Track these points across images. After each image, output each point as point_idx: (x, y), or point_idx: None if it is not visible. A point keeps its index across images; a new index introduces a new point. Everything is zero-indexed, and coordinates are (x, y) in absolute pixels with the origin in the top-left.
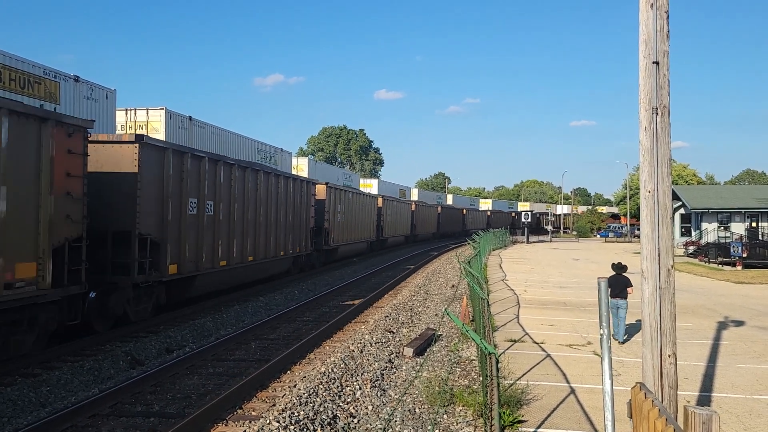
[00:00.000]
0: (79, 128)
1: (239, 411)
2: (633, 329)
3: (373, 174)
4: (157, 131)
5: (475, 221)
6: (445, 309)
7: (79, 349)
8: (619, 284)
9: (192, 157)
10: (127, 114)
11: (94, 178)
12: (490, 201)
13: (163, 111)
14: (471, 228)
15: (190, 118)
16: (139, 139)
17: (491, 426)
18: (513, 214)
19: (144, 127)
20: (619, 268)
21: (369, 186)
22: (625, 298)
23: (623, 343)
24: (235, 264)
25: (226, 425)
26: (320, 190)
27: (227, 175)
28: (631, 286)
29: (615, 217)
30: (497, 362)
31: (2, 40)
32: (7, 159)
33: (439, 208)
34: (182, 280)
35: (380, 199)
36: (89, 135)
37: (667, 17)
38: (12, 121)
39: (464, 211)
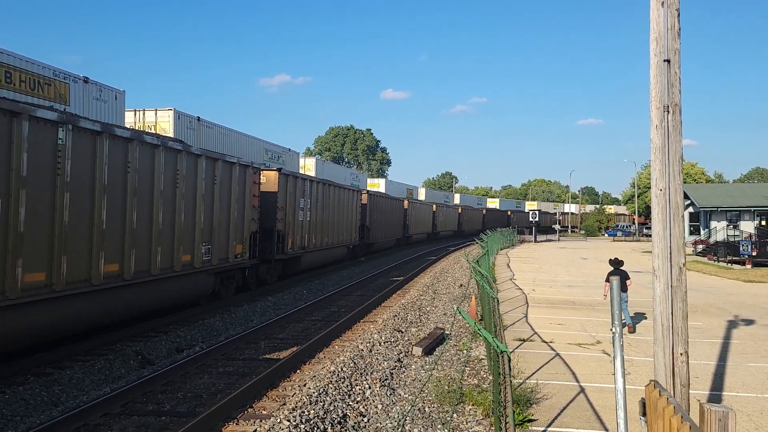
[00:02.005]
0: (258, 167)
1: (250, 410)
2: (634, 320)
3: (381, 174)
4: (166, 132)
5: (488, 220)
6: (457, 307)
7: (90, 348)
8: (619, 278)
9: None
10: (135, 115)
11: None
12: (497, 201)
13: (172, 112)
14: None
15: (199, 118)
16: (279, 169)
17: (505, 424)
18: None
19: (153, 127)
20: (617, 263)
21: (376, 186)
22: (626, 291)
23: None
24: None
25: (237, 424)
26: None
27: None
28: (629, 278)
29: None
30: (509, 360)
31: (12, 42)
32: (237, 188)
33: (483, 210)
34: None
35: (406, 202)
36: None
37: (678, 15)
38: (240, 170)
39: (484, 210)
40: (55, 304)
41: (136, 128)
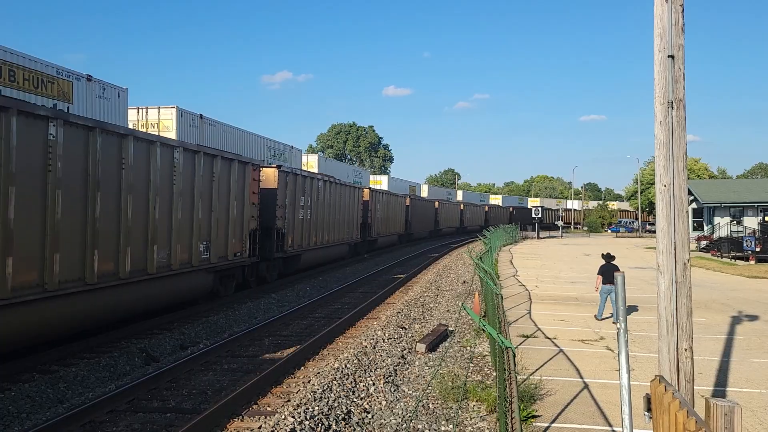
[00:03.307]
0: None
1: (255, 406)
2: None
3: (383, 171)
4: (169, 129)
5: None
6: (462, 304)
7: (95, 345)
8: (611, 272)
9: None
10: (138, 112)
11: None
12: (500, 197)
13: (174, 109)
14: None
15: (201, 116)
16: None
17: (511, 419)
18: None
19: (156, 125)
20: (609, 257)
21: (379, 183)
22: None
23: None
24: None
25: (242, 420)
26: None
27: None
28: (620, 272)
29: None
30: (514, 356)
31: (16, 40)
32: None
33: (486, 207)
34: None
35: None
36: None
37: (683, 10)
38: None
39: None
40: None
41: (140, 126)
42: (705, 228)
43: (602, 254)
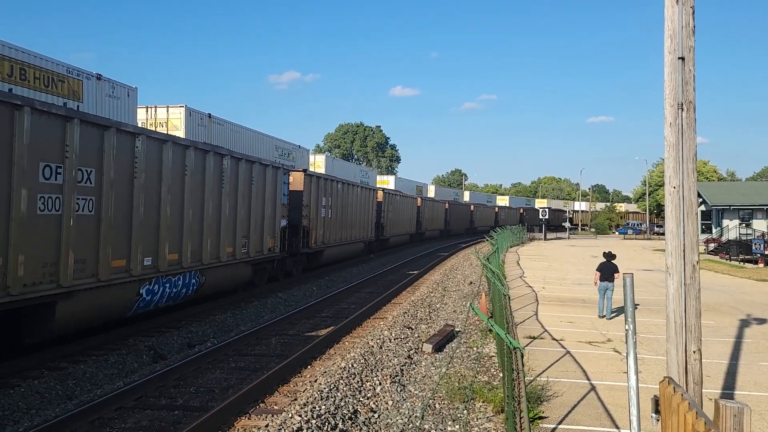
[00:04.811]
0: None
1: (262, 405)
2: (619, 310)
3: (390, 171)
4: (177, 128)
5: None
6: (470, 304)
7: (103, 343)
8: (609, 270)
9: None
10: (147, 111)
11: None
12: (507, 198)
13: (183, 108)
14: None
15: (210, 115)
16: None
17: (519, 418)
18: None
19: (164, 124)
20: (609, 256)
21: (386, 183)
22: (613, 281)
23: (610, 319)
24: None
25: (249, 419)
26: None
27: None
28: (618, 272)
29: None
30: (522, 356)
31: (27, 39)
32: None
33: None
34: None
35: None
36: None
37: (693, 12)
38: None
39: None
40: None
41: (149, 125)
42: (713, 231)
43: (603, 252)
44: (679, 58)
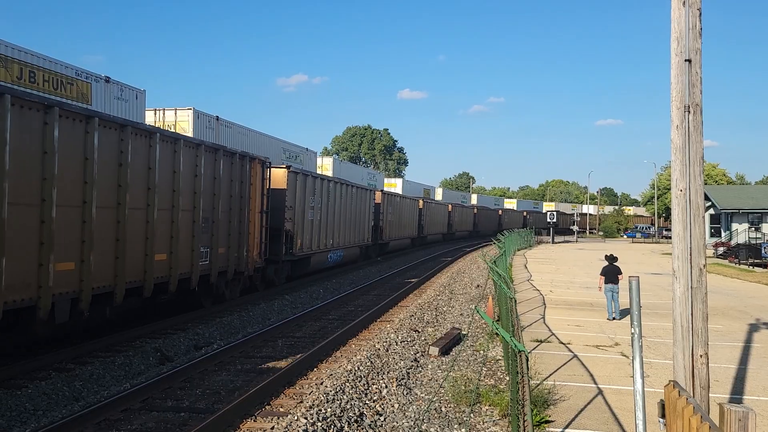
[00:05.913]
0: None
1: (267, 407)
2: (627, 311)
3: (398, 174)
4: (185, 131)
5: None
6: (476, 307)
7: (110, 344)
8: (612, 272)
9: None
10: (155, 114)
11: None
12: (514, 201)
13: (191, 111)
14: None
15: (217, 118)
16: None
17: (523, 422)
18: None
19: (172, 127)
20: (612, 259)
21: (393, 185)
22: (617, 283)
23: (620, 319)
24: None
25: (254, 421)
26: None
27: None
28: (621, 273)
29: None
30: (527, 360)
31: (36, 42)
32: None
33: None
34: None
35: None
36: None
37: (700, 15)
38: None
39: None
40: None
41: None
42: (722, 234)
43: (606, 256)
44: (685, 61)
